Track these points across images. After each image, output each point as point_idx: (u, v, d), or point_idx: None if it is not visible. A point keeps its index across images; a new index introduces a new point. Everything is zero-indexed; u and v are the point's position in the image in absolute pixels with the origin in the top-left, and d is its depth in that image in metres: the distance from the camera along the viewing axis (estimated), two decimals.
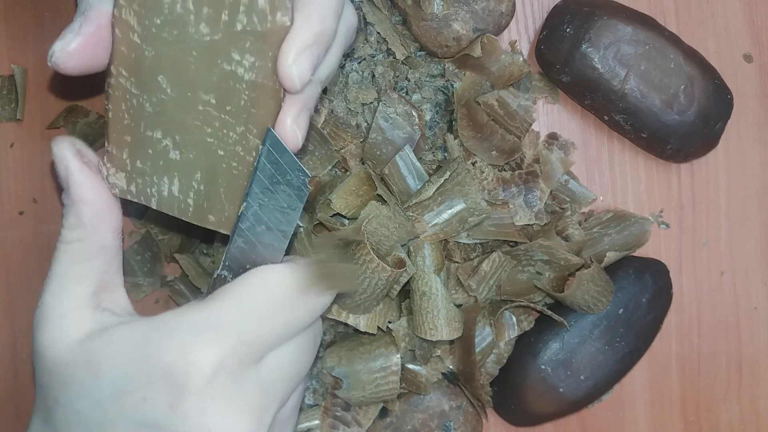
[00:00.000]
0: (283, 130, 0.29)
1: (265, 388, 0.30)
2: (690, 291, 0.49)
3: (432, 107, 0.46)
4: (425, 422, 0.45)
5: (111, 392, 0.29)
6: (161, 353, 0.28)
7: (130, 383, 0.28)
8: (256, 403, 0.29)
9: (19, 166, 0.48)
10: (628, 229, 0.46)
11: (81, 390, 0.29)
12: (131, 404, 0.28)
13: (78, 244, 0.31)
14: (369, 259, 0.39)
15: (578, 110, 0.48)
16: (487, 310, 0.45)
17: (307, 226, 0.44)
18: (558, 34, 0.44)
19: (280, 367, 0.30)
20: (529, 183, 0.45)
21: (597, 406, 0.48)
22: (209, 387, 0.28)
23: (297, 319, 0.31)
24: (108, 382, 0.29)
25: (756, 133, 0.49)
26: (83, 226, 0.30)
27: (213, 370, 0.28)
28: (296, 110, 0.29)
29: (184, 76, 0.29)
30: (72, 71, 0.29)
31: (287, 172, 0.30)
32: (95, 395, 0.29)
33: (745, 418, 0.49)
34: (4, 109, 0.47)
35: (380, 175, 0.44)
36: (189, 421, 0.28)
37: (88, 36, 0.28)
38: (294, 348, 0.31)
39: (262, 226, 0.31)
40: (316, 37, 0.28)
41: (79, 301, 0.31)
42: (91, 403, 0.29)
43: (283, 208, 0.30)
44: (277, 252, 0.31)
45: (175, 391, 0.28)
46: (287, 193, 0.30)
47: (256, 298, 0.29)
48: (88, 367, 0.29)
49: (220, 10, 0.27)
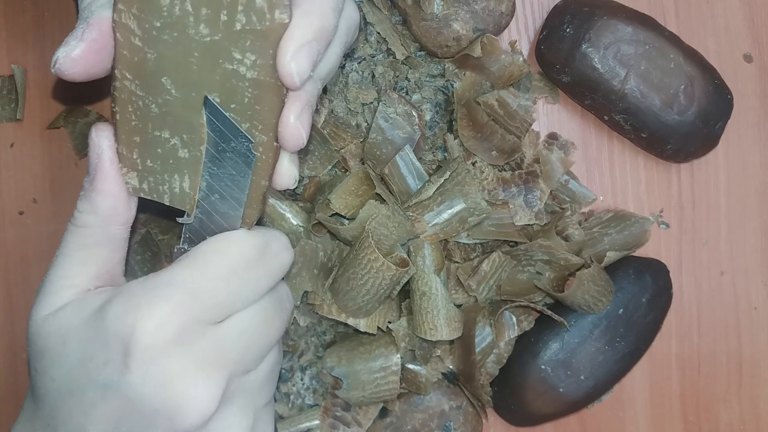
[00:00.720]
0: (287, 128, 0.29)
1: (224, 347, 0.30)
2: (690, 291, 0.49)
3: (432, 107, 0.46)
4: (425, 422, 0.45)
5: (78, 359, 0.29)
6: (116, 316, 0.29)
7: (92, 348, 0.29)
8: (211, 359, 0.30)
9: (19, 166, 0.48)
10: (628, 229, 0.46)
11: (52, 358, 0.30)
12: (94, 368, 0.29)
13: (88, 230, 0.31)
14: (374, 258, 0.39)
15: (578, 110, 0.48)
16: (487, 310, 0.45)
17: (306, 225, 0.44)
18: (558, 34, 0.44)
19: (241, 330, 0.31)
20: (529, 183, 0.45)
21: (597, 406, 0.48)
22: (160, 342, 0.28)
23: (255, 282, 0.31)
24: (74, 348, 0.30)
25: (756, 133, 0.49)
26: (97, 214, 0.31)
27: (159, 325, 0.28)
28: (299, 107, 0.29)
29: (187, 76, 0.29)
30: (76, 77, 0.29)
31: (231, 139, 0.30)
32: (65, 362, 0.30)
33: (745, 418, 0.49)
34: (4, 109, 0.47)
35: (380, 175, 0.44)
36: (145, 377, 0.28)
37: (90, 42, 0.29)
38: (257, 312, 0.32)
39: (216, 195, 0.32)
40: (316, 34, 0.28)
41: (77, 282, 0.31)
42: (62, 370, 0.30)
43: (232, 175, 0.31)
44: (234, 220, 0.32)
45: (126, 350, 0.28)
46: (234, 160, 0.31)
47: (210, 261, 0.30)
48: (58, 335, 0.30)
49: (218, 10, 0.27)
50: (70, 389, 0.30)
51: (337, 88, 0.46)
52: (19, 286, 0.47)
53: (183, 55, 0.28)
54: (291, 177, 0.31)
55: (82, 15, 0.29)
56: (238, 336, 0.31)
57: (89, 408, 0.29)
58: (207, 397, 0.29)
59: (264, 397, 0.34)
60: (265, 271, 0.32)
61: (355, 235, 0.41)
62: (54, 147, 0.48)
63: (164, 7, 0.27)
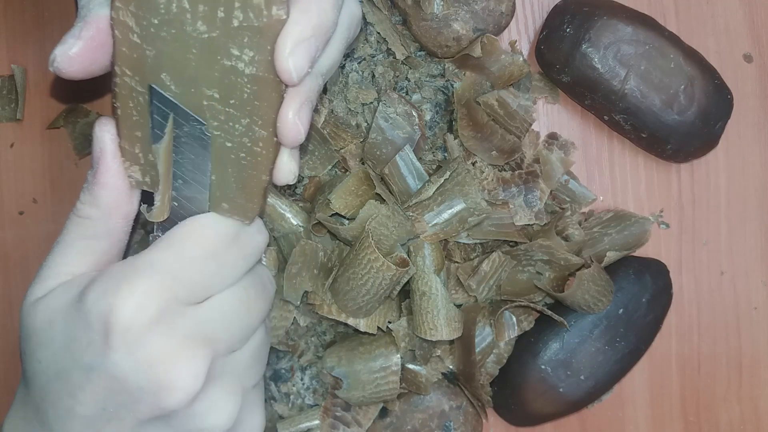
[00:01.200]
0: (285, 123, 0.30)
1: (205, 326, 0.31)
2: (690, 291, 0.49)
3: (432, 107, 0.46)
4: (425, 422, 0.45)
5: (63, 341, 0.30)
6: (96, 297, 0.29)
7: (75, 330, 0.29)
8: (194, 338, 0.30)
9: (19, 166, 0.48)
10: (628, 229, 0.46)
11: (39, 340, 0.31)
12: (78, 350, 0.29)
13: (89, 221, 0.32)
14: (374, 258, 0.39)
15: (578, 110, 0.48)
16: (487, 310, 0.45)
17: (306, 225, 0.44)
18: (558, 34, 0.44)
19: (221, 310, 0.31)
20: (529, 183, 0.45)
21: (597, 406, 0.48)
22: (140, 322, 0.29)
23: (232, 263, 0.32)
24: (59, 330, 0.30)
25: (756, 133, 0.49)
26: (99, 207, 0.32)
27: (138, 305, 0.29)
28: (298, 103, 0.29)
29: (186, 72, 0.29)
30: (74, 75, 0.30)
31: (183, 124, 0.30)
32: (51, 345, 0.30)
33: (745, 418, 0.49)
34: (4, 109, 0.47)
35: (380, 174, 0.44)
36: (127, 356, 0.29)
37: (88, 40, 0.29)
38: (237, 292, 0.32)
39: (179, 180, 0.32)
40: (314, 30, 0.28)
41: (72, 270, 0.32)
42: (48, 352, 0.30)
43: (192, 159, 0.31)
44: (202, 203, 0.32)
45: (107, 330, 0.29)
46: (190, 144, 0.31)
47: (185, 243, 0.31)
48: (44, 317, 0.31)
49: (215, 7, 0.27)
50: (56, 372, 0.30)
51: (337, 88, 0.46)
52: (19, 287, 0.47)
53: (181, 51, 0.28)
54: (290, 172, 0.32)
55: (80, 14, 0.29)
56: (219, 316, 0.31)
57: (76, 390, 0.30)
58: (191, 374, 0.29)
59: (251, 378, 0.34)
60: (241, 253, 0.32)
61: (355, 235, 0.41)
62: (54, 147, 0.48)
63: (161, 4, 0.27)
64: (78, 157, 0.47)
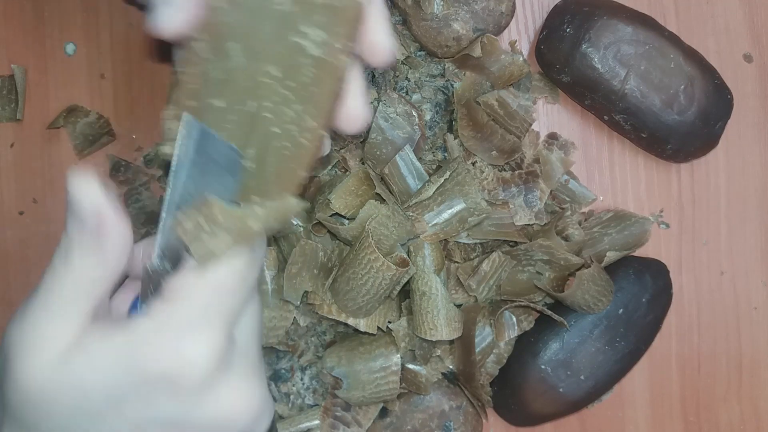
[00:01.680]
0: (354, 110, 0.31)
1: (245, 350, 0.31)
2: (690, 291, 0.49)
3: (432, 107, 0.46)
4: (425, 422, 0.45)
5: (104, 406, 0.28)
6: (155, 359, 0.28)
7: (124, 394, 0.28)
8: (251, 367, 0.30)
9: (19, 166, 0.48)
10: (628, 228, 0.46)
11: (68, 410, 0.28)
12: (132, 410, 0.28)
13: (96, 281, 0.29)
14: (374, 258, 0.39)
15: (578, 110, 0.48)
16: (487, 310, 0.45)
17: (306, 225, 0.44)
18: (558, 34, 0.44)
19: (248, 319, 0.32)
20: (529, 183, 0.45)
21: (597, 406, 0.48)
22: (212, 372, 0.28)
23: (254, 277, 0.31)
24: (98, 396, 0.28)
25: (756, 133, 0.49)
26: (106, 266, 0.29)
27: (209, 359, 0.28)
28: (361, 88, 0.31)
29: (254, 44, 0.29)
30: (174, 32, 0.29)
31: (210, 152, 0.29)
32: (87, 411, 0.28)
33: (745, 418, 0.49)
34: (4, 109, 0.47)
35: (380, 175, 0.44)
36: (203, 405, 0.29)
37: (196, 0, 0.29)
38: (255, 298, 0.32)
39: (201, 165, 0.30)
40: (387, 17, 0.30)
41: (75, 322, 0.28)
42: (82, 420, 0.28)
43: (215, 188, 0.30)
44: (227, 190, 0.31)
45: (179, 388, 0.28)
46: (218, 174, 0.30)
47: (224, 278, 0.29)
48: (74, 386, 0.28)
49: None
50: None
51: None
52: (19, 286, 0.47)
53: (257, 21, 0.28)
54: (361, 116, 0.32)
55: None
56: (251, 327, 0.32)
57: None
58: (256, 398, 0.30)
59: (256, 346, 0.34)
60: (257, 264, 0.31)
61: (355, 235, 0.41)
62: (54, 147, 0.48)
63: None
64: (78, 158, 0.47)
